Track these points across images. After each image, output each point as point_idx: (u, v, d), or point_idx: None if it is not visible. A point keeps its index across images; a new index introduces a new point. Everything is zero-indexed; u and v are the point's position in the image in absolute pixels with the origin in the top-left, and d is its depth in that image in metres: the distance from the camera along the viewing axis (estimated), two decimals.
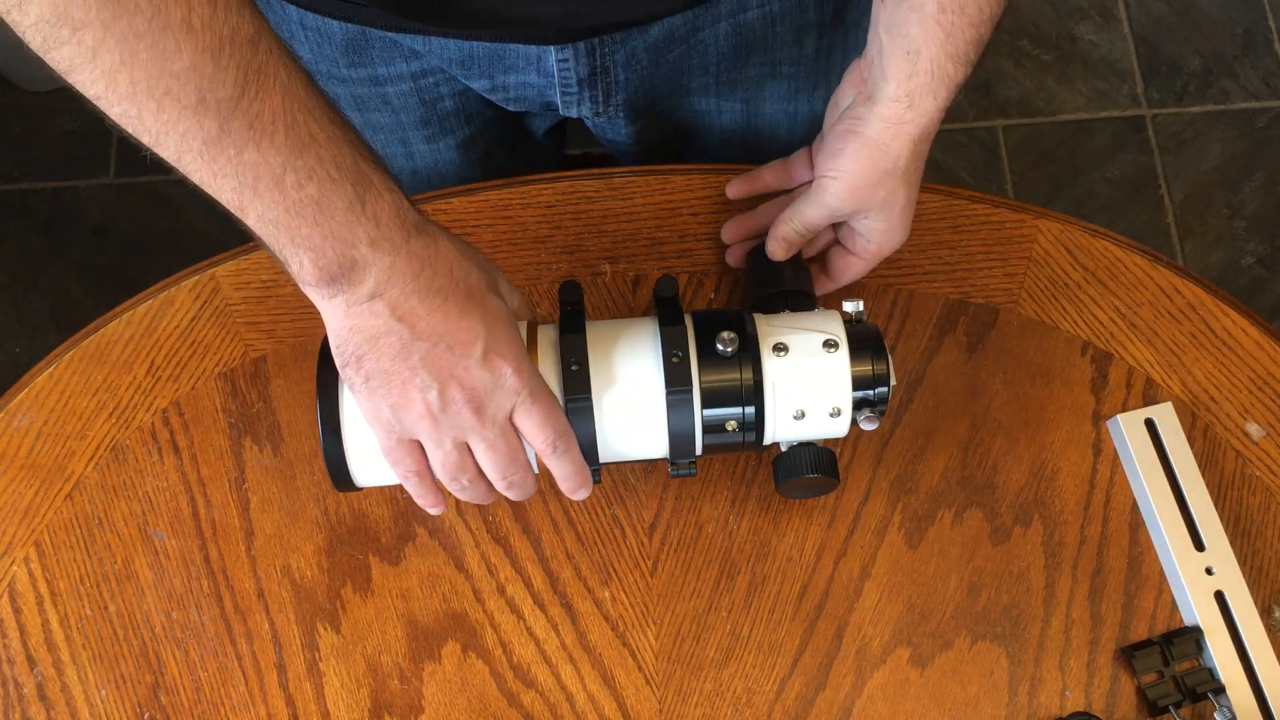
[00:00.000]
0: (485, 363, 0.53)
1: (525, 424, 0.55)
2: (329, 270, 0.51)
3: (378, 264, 0.51)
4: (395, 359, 0.53)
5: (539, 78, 0.72)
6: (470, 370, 0.53)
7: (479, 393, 0.54)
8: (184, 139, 0.46)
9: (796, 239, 0.67)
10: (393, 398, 0.54)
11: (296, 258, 0.50)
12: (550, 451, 0.56)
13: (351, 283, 0.51)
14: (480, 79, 0.73)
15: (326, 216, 0.49)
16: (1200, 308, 0.72)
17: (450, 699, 0.65)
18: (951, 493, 0.68)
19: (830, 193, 0.64)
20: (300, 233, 0.50)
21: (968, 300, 0.72)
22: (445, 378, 0.53)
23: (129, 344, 0.71)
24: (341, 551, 0.67)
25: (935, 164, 1.61)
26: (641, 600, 0.66)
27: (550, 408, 0.56)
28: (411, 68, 0.73)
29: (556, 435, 0.56)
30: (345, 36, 0.71)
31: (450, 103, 0.77)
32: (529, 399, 0.55)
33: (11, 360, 1.50)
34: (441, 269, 0.53)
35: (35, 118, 1.61)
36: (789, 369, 0.58)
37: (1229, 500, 0.68)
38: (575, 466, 0.58)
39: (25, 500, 0.68)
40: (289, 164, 0.48)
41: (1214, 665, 0.64)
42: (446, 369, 0.53)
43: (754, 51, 0.75)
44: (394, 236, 0.51)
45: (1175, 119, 1.65)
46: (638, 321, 0.61)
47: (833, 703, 0.65)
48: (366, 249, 0.51)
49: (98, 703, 0.64)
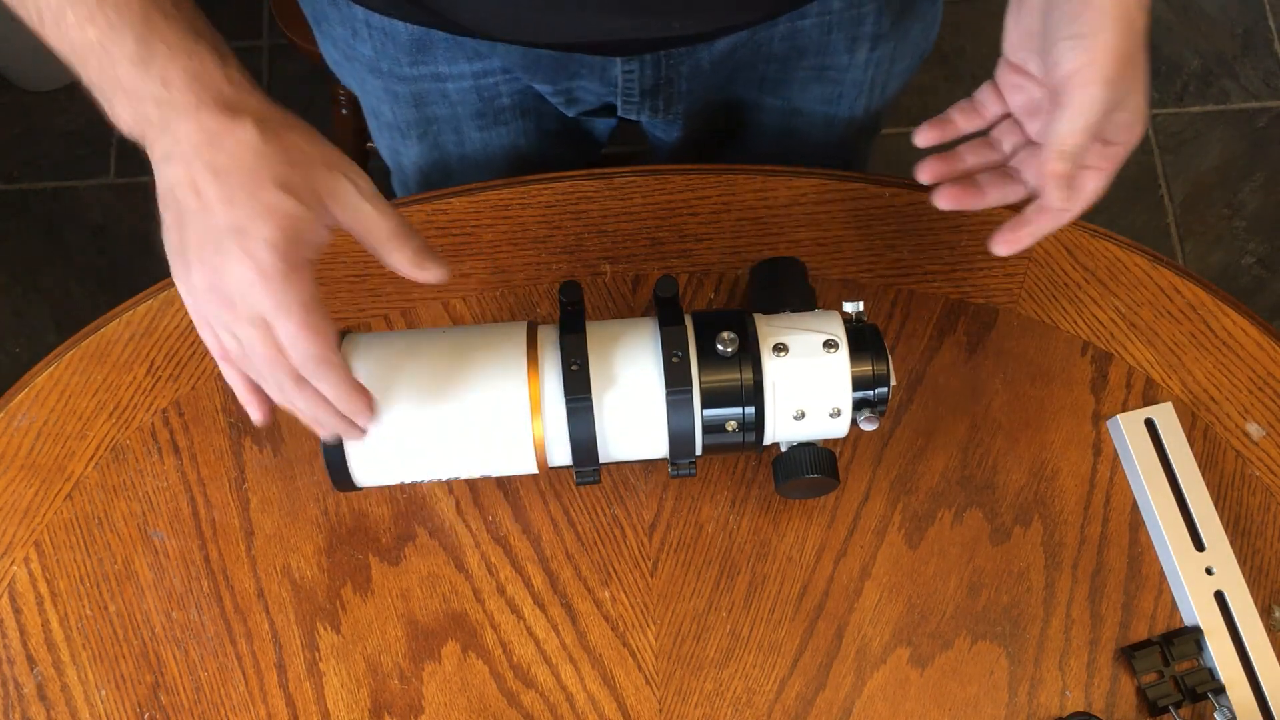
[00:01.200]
0: (240, 260, 0.49)
1: (280, 336, 0.50)
2: (124, 122, 0.50)
3: (167, 129, 0.49)
4: (172, 229, 0.51)
5: (602, 86, 0.74)
6: (225, 264, 0.49)
7: (227, 290, 0.50)
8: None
9: (1072, 168, 0.54)
10: (178, 269, 0.51)
11: (96, 97, 0.50)
12: (303, 372, 0.51)
13: (148, 139, 0.50)
14: (544, 82, 0.74)
15: (109, 65, 0.48)
16: (1200, 308, 0.72)
17: (450, 699, 0.65)
18: (951, 493, 0.68)
19: (1091, 93, 0.52)
20: (90, 77, 0.49)
21: (968, 300, 0.72)
22: (202, 263, 0.50)
23: (129, 344, 0.71)
24: (341, 551, 0.67)
25: None
26: (641, 600, 0.66)
27: (298, 327, 0.50)
28: (474, 67, 0.74)
29: (304, 358, 0.50)
30: (410, 37, 0.71)
31: (508, 99, 0.78)
32: (273, 313, 0.49)
33: (11, 360, 1.50)
34: (227, 147, 0.49)
35: (35, 118, 1.61)
36: (789, 369, 0.58)
37: (1229, 500, 0.68)
38: (339, 391, 0.52)
39: (25, 500, 0.68)
40: (69, 3, 0.48)
41: (1214, 665, 0.64)
42: (204, 254, 0.50)
43: (805, 56, 0.76)
44: (182, 102, 0.49)
45: (1175, 119, 1.65)
46: (638, 321, 0.61)
47: (833, 703, 0.65)
48: (153, 108, 0.49)
49: (98, 703, 0.64)
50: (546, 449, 0.59)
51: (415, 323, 0.71)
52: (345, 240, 0.72)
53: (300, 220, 0.50)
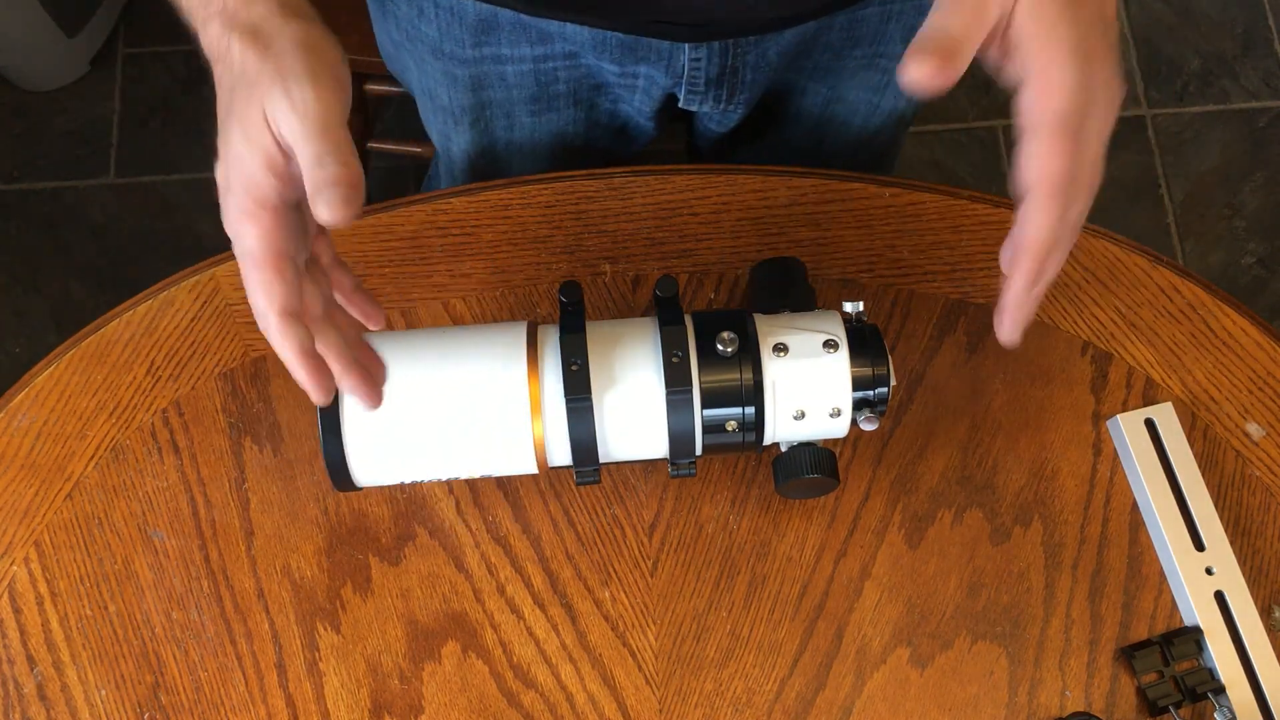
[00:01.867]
0: (235, 144, 0.51)
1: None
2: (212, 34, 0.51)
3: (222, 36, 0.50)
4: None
5: (667, 76, 0.74)
6: (229, 145, 0.52)
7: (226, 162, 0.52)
8: None
9: (935, 47, 0.48)
10: None
11: (188, 20, 0.51)
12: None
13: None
14: (611, 64, 0.74)
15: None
16: (1200, 308, 0.72)
17: (450, 699, 0.65)
18: (951, 493, 0.68)
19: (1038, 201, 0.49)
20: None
21: (968, 300, 0.72)
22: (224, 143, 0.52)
23: (129, 344, 0.71)
24: (341, 551, 0.67)
25: (936, 164, 1.62)
26: (641, 600, 0.66)
27: (247, 270, 0.49)
28: (535, 51, 0.75)
29: (256, 310, 0.49)
30: (477, 16, 0.72)
31: (564, 86, 0.79)
32: (223, 194, 0.51)
33: (11, 360, 1.50)
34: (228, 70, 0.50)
35: (35, 118, 1.61)
36: (789, 369, 0.58)
37: (1229, 500, 0.68)
38: (253, 288, 0.50)
39: (25, 500, 0.68)
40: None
41: (1214, 665, 0.64)
42: (228, 127, 0.51)
43: (860, 45, 0.77)
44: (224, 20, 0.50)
45: (1175, 119, 1.65)
46: (638, 321, 0.61)
47: (833, 703, 0.65)
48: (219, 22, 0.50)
49: (98, 703, 0.64)
50: (546, 449, 0.59)
51: (415, 323, 0.71)
52: (345, 241, 0.72)
53: (289, 110, 0.49)
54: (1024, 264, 0.50)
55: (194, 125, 1.60)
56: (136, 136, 1.60)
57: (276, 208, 0.50)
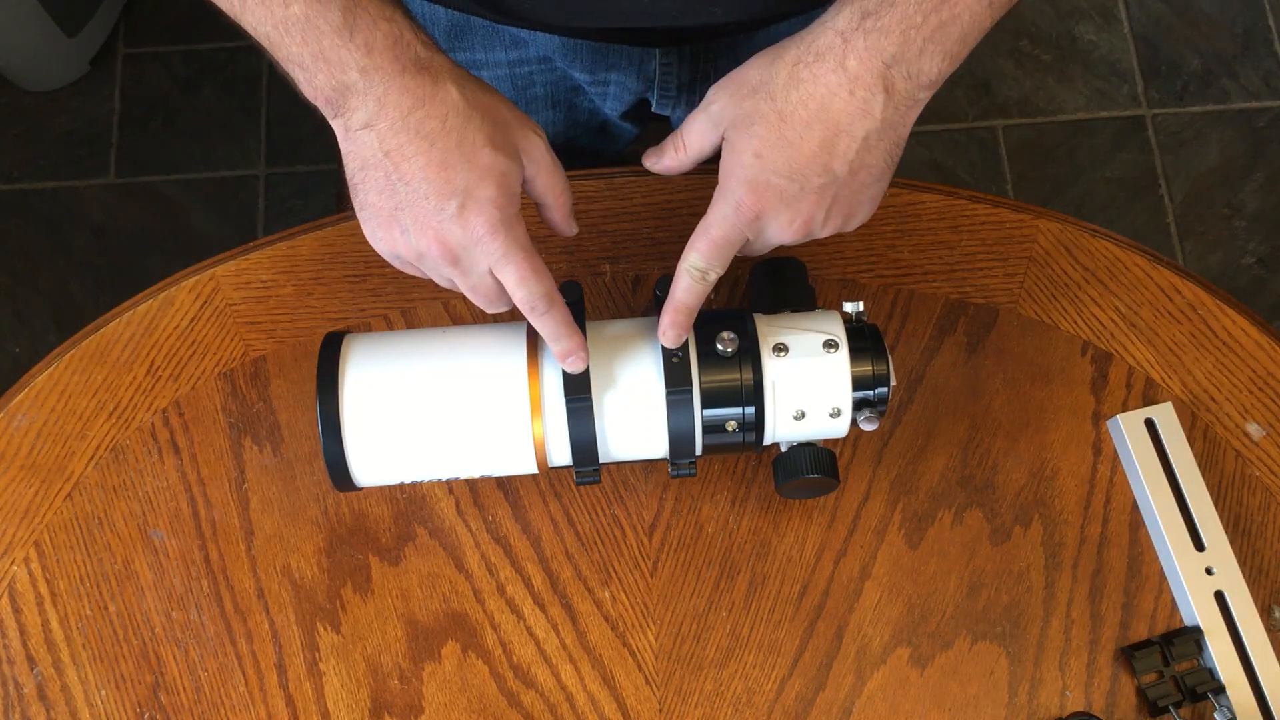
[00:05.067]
0: (460, 219, 0.53)
1: (504, 282, 0.55)
2: (323, 92, 0.51)
3: (369, 93, 0.51)
4: (380, 194, 0.53)
5: (639, 82, 0.74)
6: (444, 225, 0.53)
7: (453, 248, 0.54)
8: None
9: (672, 155, 0.61)
10: (380, 232, 0.55)
11: (293, 74, 0.51)
12: (530, 312, 0.55)
13: (346, 108, 0.52)
14: (582, 71, 0.75)
15: (314, 38, 0.50)
16: (1200, 308, 0.72)
17: (450, 699, 0.65)
18: (951, 493, 0.68)
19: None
20: (291, 51, 0.51)
21: (968, 300, 0.72)
22: (422, 226, 0.53)
23: (129, 344, 0.71)
24: (341, 551, 0.67)
25: (935, 164, 1.62)
26: (641, 600, 0.66)
27: (525, 270, 0.54)
28: (509, 56, 0.75)
29: (533, 296, 0.55)
30: (450, 22, 0.72)
31: (541, 89, 0.79)
32: (502, 260, 0.54)
33: (11, 360, 1.50)
34: (435, 112, 0.52)
35: (35, 118, 1.61)
36: (789, 369, 0.58)
37: (1229, 500, 0.68)
38: (557, 330, 0.56)
39: (25, 500, 0.68)
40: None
41: (1214, 665, 0.64)
42: (424, 218, 0.53)
43: None
44: (386, 68, 0.51)
45: (1175, 119, 1.65)
46: (638, 321, 0.61)
47: (833, 703, 0.65)
48: (357, 75, 0.51)
49: (98, 703, 0.64)
50: (546, 449, 0.59)
51: (415, 323, 0.71)
52: (345, 241, 0.72)
53: (511, 176, 0.54)
54: (669, 310, 0.58)
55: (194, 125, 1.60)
56: (136, 136, 1.60)
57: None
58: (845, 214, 0.57)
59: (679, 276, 0.57)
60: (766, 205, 0.55)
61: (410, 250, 0.55)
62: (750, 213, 0.55)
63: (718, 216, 0.56)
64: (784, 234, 0.57)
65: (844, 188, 0.55)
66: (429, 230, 0.53)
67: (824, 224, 0.57)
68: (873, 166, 0.55)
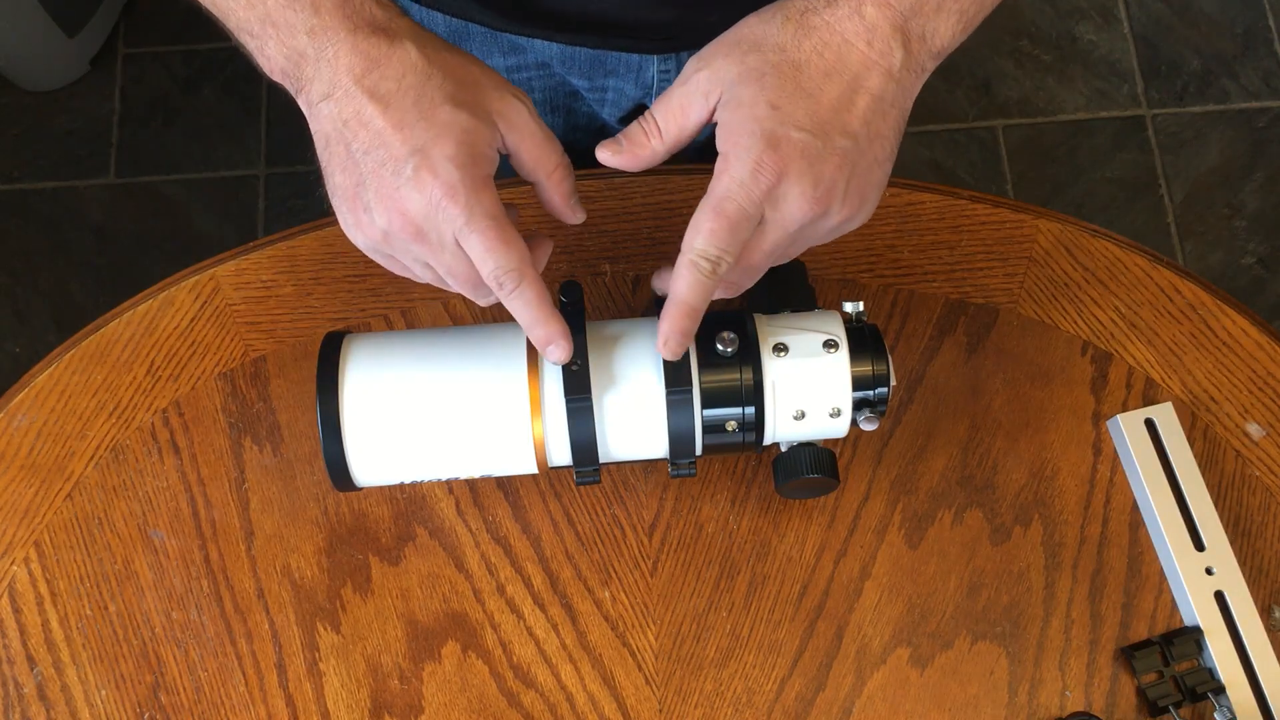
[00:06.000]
0: (416, 181, 0.47)
1: (470, 254, 0.49)
2: (277, 63, 0.48)
3: (321, 58, 0.48)
4: (344, 171, 0.49)
5: (636, 88, 0.73)
6: (401, 191, 0.48)
7: (414, 219, 0.48)
8: None
9: (623, 138, 0.54)
10: (350, 217, 0.50)
11: (246, 46, 0.48)
12: (498, 289, 0.50)
13: (302, 79, 0.49)
14: (580, 78, 0.74)
15: (259, 1, 0.47)
16: (1200, 308, 0.72)
17: (450, 699, 0.65)
18: (951, 493, 0.68)
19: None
20: (240, 18, 0.48)
21: (968, 300, 0.72)
22: (384, 200, 0.48)
23: (129, 344, 0.71)
24: (341, 551, 0.67)
25: (935, 164, 1.62)
26: (641, 600, 0.67)
27: (493, 238, 0.48)
28: (508, 62, 0.74)
29: (499, 270, 0.49)
30: (448, 29, 0.72)
31: (539, 95, 0.78)
32: (465, 228, 0.48)
33: (11, 360, 1.50)
34: (391, 73, 0.48)
35: (35, 118, 1.61)
36: (789, 369, 0.58)
37: (1229, 500, 0.68)
38: (531, 313, 0.51)
39: (25, 500, 0.68)
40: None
41: (1214, 665, 0.64)
42: (385, 190, 0.48)
43: None
44: (335, 27, 0.48)
45: (1175, 119, 1.65)
46: (638, 321, 0.61)
47: (833, 703, 0.65)
48: (305, 39, 0.47)
49: (98, 703, 0.64)
50: (546, 449, 0.59)
51: (415, 323, 0.71)
52: (345, 241, 0.72)
53: (476, 134, 0.49)
54: (671, 313, 0.52)
55: (194, 125, 1.60)
56: (136, 136, 1.60)
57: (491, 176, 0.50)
58: (859, 195, 0.51)
59: (681, 270, 0.50)
60: (790, 164, 0.48)
61: (376, 231, 0.49)
62: (772, 174, 0.48)
63: (732, 184, 0.48)
64: (802, 208, 0.49)
65: (861, 157, 0.50)
66: (388, 200, 0.48)
67: (843, 201, 0.50)
68: (885, 138, 0.50)
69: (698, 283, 0.50)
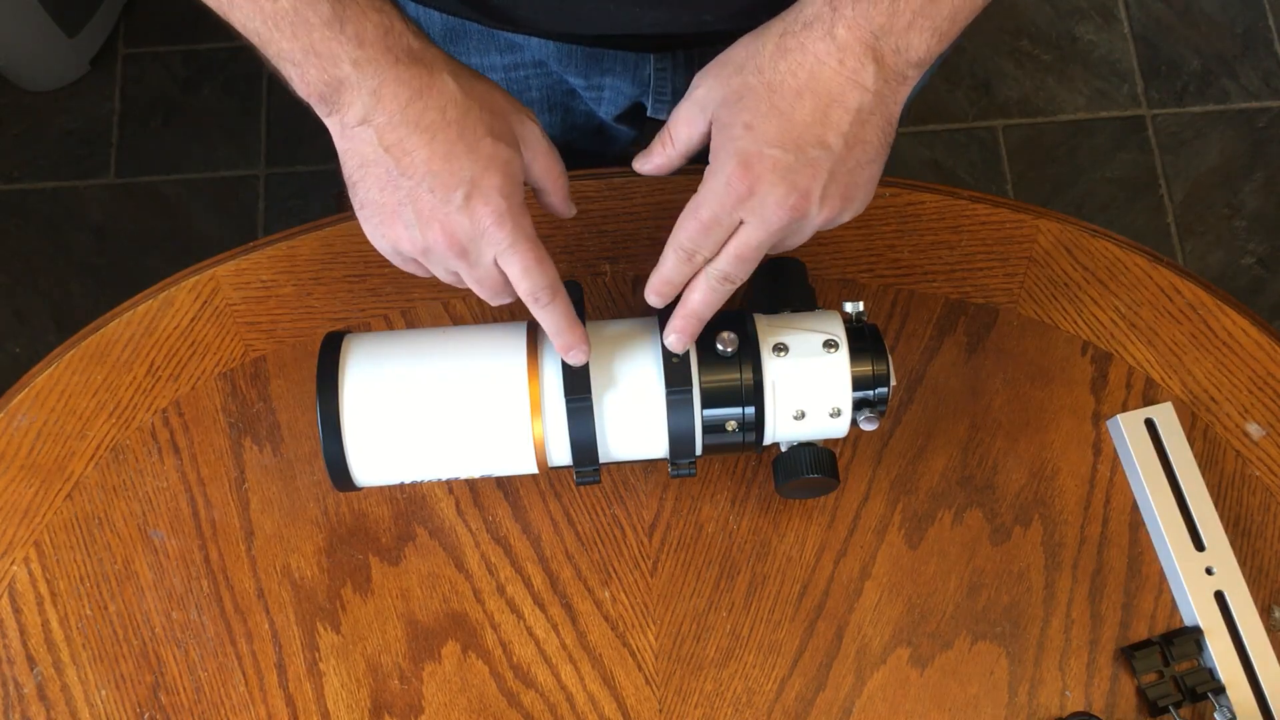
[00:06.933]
0: (466, 209, 0.52)
1: (508, 272, 0.55)
2: (315, 88, 0.51)
3: (363, 87, 0.51)
4: (383, 190, 0.53)
5: (634, 86, 0.74)
6: (450, 216, 0.52)
7: (459, 239, 0.53)
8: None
9: (665, 150, 0.59)
10: (382, 229, 0.54)
11: (284, 71, 0.51)
12: (533, 303, 0.55)
13: (340, 104, 0.51)
14: (576, 76, 0.75)
15: (304, 32, 0.49)
16: (1200, 308, 0.72)
17: (450, 699, 0.65)
18: (951, 493, 0.68)
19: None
20: (281, 47, 0.50)
21: (968, 300, 0.72)
22: (427, 219, 0.53)
23: (129, 344, 0.71)
24: (341, 551, 0.67)
25: (935, 164, 1.62)
26: (641, 600, 0.67)
27: (530, 260, 0.54)
28: (505, 60, 0.75)
29: (537, 287, 0.54)
30: (445, 27, 0.72)
31: (537, 93, 0.79)
32: (509, 250, 0.53)
33: (11, 360, 1.50)
34: (434, 103, 0.52)
35: (35, 118, 1.61)
36: (789, 369, 0.58)
37: (1229, 500, 0.68)
38: (559, 322, 0.56)
39: (25, 500, 0.68)
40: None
41: (1214, 665, 0.64)
42: (428, 211, 0.52)
43: None
44: (379, 59, 0.51)
45: (1175, 119, 1.65)
46: (638, 321, 0.61)
47: (833, 703, 0.65)
48: (349, 68, 0.50)
49: (98, 703, 0.64)
50: (546, 449, 0.59)
51: (415, 323, 0.71)
52: (345, 241, 0.72)
53: (514, 165, 0.54)
54: (653, 283, 0.58)
55: (194, 125, 1.60)
56: (136, 136, 1.60)
57: None
58: (843, 195, 0.54)
59: (665, 254, 0.56)
60: (759, 179, 0.52)
61: (415, 245, 0.54)
62: (742, 187, 0.52)
63: (708, 194, 0.54)
64: (779, 213, 0.53)
65: (840, 164, 0.53)
66: (435, 223, 0.53)
67: (821, 203, 0.53)
68: (868, 143, 0.53)
69: (676, 266, 0.56)
